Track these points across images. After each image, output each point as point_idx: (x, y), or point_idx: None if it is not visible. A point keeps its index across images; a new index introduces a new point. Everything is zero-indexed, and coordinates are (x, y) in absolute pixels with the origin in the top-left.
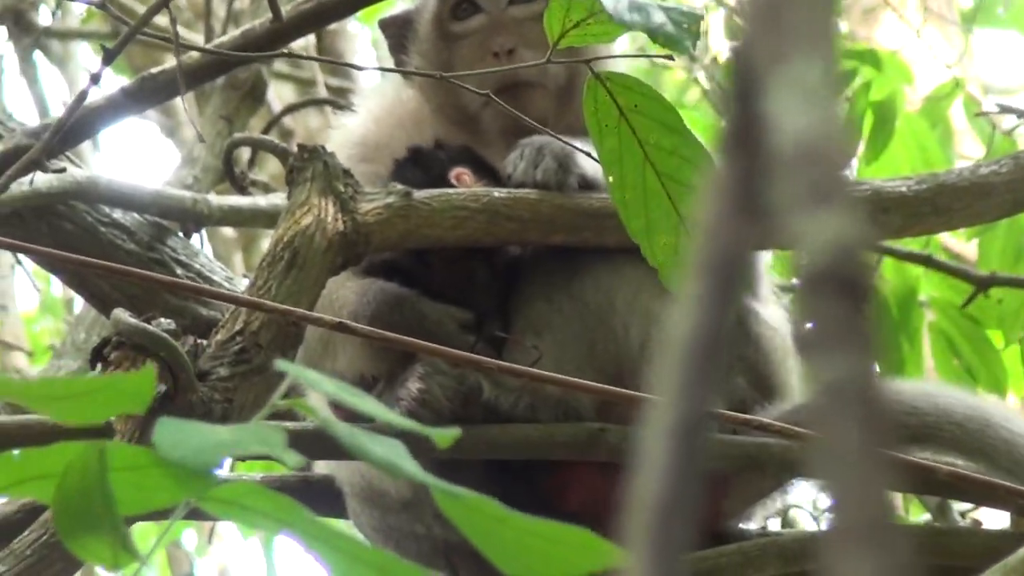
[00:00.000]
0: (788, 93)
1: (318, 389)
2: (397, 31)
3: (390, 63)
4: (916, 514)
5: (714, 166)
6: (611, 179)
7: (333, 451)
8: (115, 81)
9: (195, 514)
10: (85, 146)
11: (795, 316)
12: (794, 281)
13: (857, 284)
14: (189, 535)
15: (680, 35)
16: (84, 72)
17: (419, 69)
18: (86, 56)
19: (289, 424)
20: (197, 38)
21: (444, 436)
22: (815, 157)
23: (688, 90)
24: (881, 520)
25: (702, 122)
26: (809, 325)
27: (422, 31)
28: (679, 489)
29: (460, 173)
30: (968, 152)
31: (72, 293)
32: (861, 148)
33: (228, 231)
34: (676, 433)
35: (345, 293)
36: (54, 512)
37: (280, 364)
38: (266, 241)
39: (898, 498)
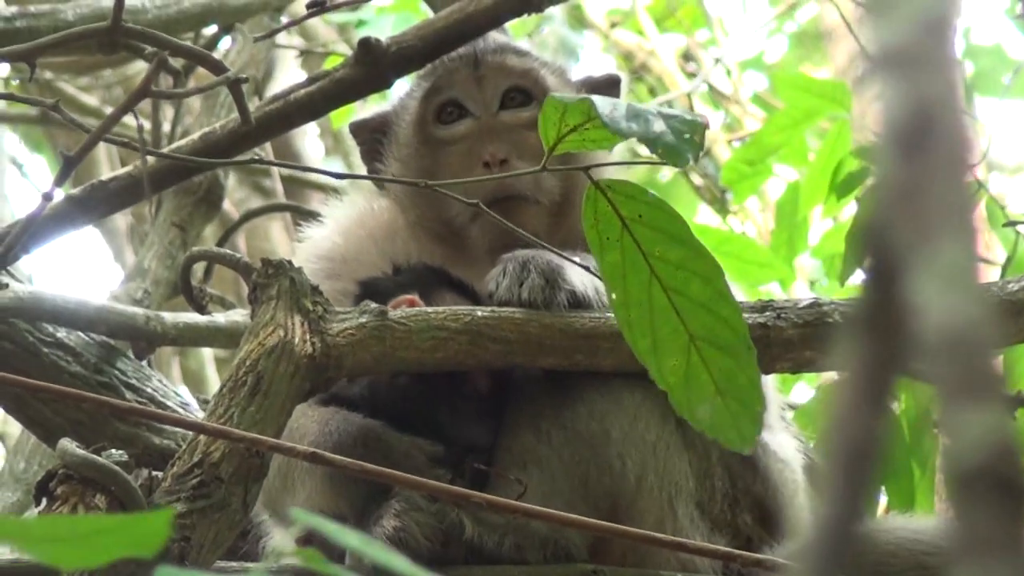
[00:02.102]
0: (930, 276)
1: (332, 537)
2: (370, 136)
3: (356, 166)
4: None
5: (725, 279)
6: (614, 296)
7: None
8: (35, 162)
9: None
10: None
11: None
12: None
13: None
14: None
15: (681, 146)
16: (7, 160)
17: (396, 177)
18: (10, 142)
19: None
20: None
21: None
22: (963, 346)
23: (660, 169)
24: None
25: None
26: (961, 528)
27: (402, 135)
28: None
29: (399, 302)
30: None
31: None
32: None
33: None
34: None
35: (306, 423)
36: None
37: (293, 512)
38: (205, 348)
39: None
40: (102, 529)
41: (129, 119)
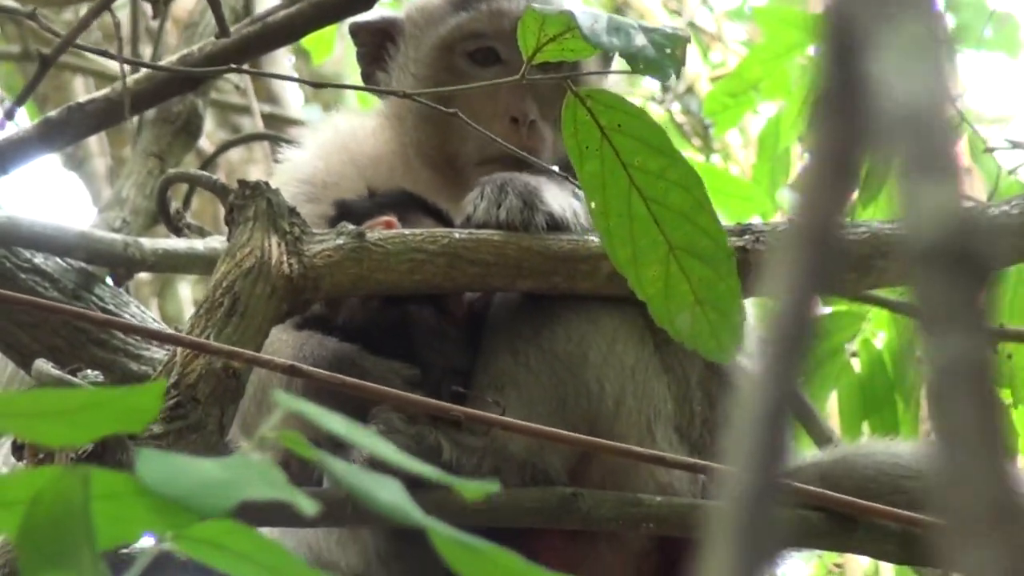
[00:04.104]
0: (892, 53)
1: (322, 425)
2: (370, 39)
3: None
4: None
5: (704, 189)
6: (593, 205)
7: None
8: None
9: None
10: None
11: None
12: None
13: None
14: None
15: (662, 60)
16: None
17: (403, 87)
18: None
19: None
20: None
21: (475, 489)
22: (925, 122)
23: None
24: (1005, 502)
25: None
26: (922, 302)
27: (422, 52)
28: (751, 564)
29: (376, 223)
30: (970, 190)
31: None
32: (857, 188)
33: (142, 274)
34: (747, 505)
35: (280, 347)
36: (18, 544)
37: (276, 395)
38: (184, 285)
39: None
40: (91, 404)
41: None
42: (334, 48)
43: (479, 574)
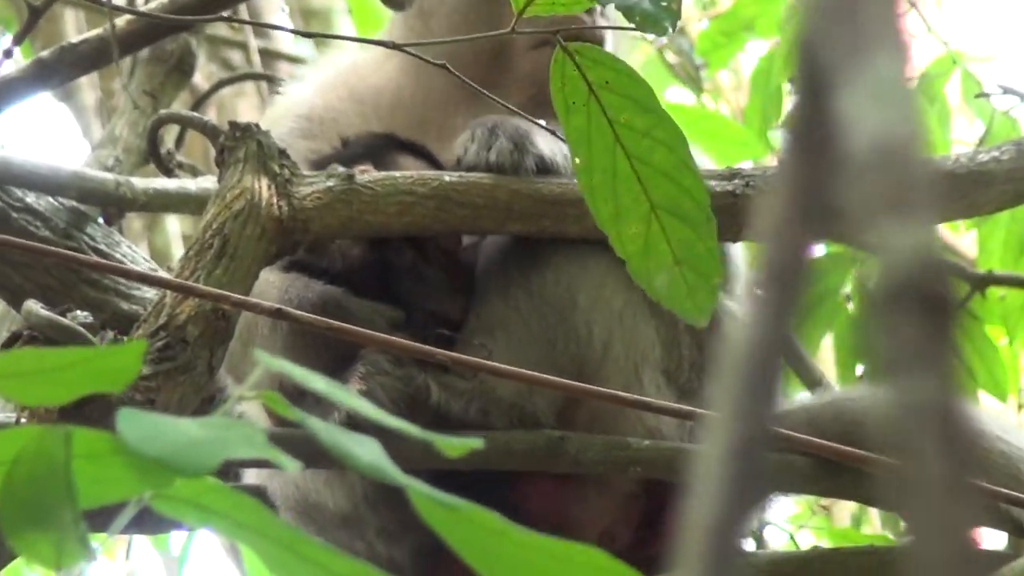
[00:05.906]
0: (862, 90)
1: (303, 384)
2: None
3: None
4: None
5: (689, 149)
6: (578, 161)
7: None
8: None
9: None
10: None
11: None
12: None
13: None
14: None
15: (659, 13)
16: None
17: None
18: None
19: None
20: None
21: (455, 446)
22: (894, 159)
23: (632, 51)
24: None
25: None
26: (887, 343)
27: None
28: (736, 511)
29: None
30: (960, 134)
31: None
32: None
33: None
34: (735, 452)
35: (266, 288)
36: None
37: (257, 354)
38: (173, 220)
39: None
40: (70, 363)
41: None
42: None
43: (457, 532)
